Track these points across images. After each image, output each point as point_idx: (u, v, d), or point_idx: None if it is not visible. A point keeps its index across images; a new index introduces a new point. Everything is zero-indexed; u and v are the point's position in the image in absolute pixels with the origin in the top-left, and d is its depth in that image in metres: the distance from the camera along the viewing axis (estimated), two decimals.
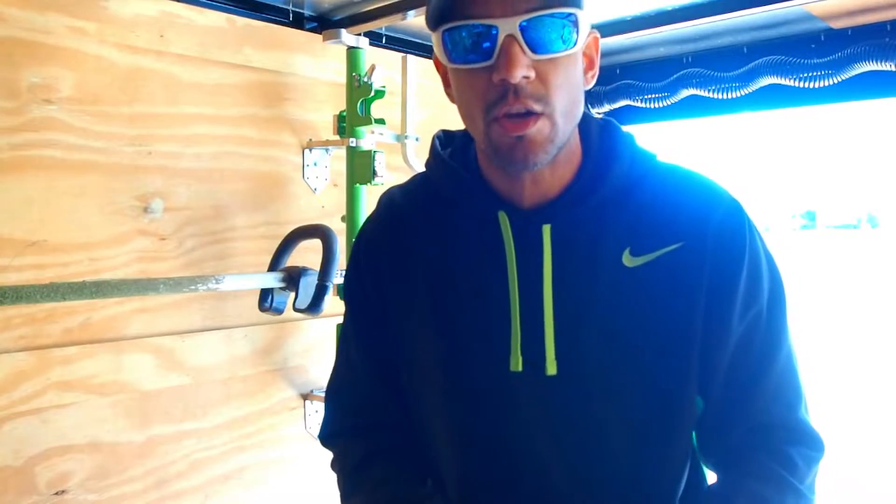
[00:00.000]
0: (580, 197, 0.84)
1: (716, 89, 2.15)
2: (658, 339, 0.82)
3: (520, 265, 0.83)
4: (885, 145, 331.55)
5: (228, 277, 1.61)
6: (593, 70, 0.85)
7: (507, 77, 0.73)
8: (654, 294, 0.82)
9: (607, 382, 0.82)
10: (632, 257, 0.82)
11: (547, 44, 0.74)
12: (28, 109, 1.51)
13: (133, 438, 1.68)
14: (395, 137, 2.02)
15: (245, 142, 1.89)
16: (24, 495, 1.51)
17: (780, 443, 0.83)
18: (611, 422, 0.83)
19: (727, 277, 0.83)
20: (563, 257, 0.82)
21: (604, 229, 0.83)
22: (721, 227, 0.83)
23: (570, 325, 0.82)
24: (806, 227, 70.84)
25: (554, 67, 0.76)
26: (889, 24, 1.89)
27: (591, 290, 0.82)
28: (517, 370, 0.82)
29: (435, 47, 0.81)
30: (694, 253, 0.82)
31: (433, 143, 0.94)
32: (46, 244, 1.54)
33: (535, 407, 0.83)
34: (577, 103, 0.80)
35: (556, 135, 0.78)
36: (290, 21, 2.00)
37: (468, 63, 0.77)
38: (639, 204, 0.84)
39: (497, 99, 0.75)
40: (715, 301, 0.82)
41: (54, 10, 1.54)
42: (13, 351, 1.50)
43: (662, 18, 1.94)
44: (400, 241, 0.92)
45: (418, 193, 0.94)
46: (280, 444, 1.99)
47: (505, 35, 0.73)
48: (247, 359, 1.91)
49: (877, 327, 10.87)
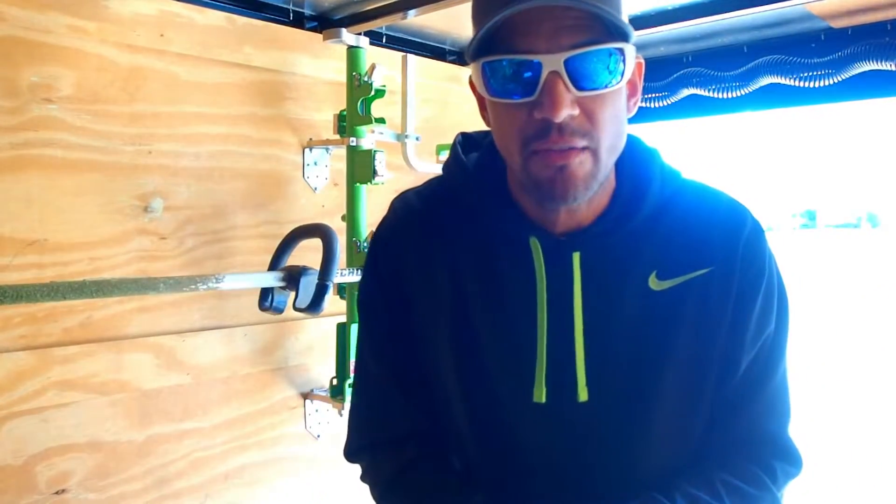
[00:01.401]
0: (614, 225, 0.82)
1: (716, 89, 2.15)
2: (682, 363, 0.82)
3: (549, 293, 0.81)
4: (886, 145, 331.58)
5: (228, 277, 1.61)
6: (636, 97, 0.82)
7: (551, 116, 0.70)
8: (681, 317, 0.81)
9: (634, 407, 0.82)
10: (658, 281, 0.82)
11: (593, 79, 0.71)
12: (28, 109, 1.51)
13: (133, 438, 1.68)
14: (396, 137, 2.02)
15: (245, 141, 1.89)
16: (25, 494, 1.52)
17: (766, 455, 0.85)
18: (634, 445, 0.83)
19: (748, 301, 0.83)
20: (590, 284, 0.81)
21: (632, 254, 0.82)
22: (746, 250, 0.83)
23: (599, 351, 0.81)
24: (806, 226, 70.88)
25: (600, 103, 0.73)
26: (889, 23, 1.89)
27: (619, 316, 0.81)
28: (540, 402, 0.81)
29: (472, 75, 0.78)
30: (722, 277, 0.82)
31: (454, 148, 0.90)
32: (46, 243, 1.54)
33: (563, 435, 0.83)
34: (620, 136, 0.78)
35: (598, 170, 0.75)
36: (290, 20, 2.00)
37: (509, 98, 0.73)
38: (667, 227, 0.83)
39: (537, 134, 0.73)
40: (737, 322, 0.83)
41: (54, 9, 1.54)
42: (13, 350, 1.50)
43: (663, 18, 1.94)
44: (422, 247, 0.88)
45: (437, 199, 0.90)
46: (280, 443, 1.99)
47: (549, 71, 0.70)
48: (247, 358, 1.91)
49: (877, 327, 10.87)
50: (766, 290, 0.84)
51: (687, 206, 0.85)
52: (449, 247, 0.86)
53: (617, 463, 0.83)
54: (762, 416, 0.85)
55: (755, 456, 0.84)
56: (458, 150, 0.89)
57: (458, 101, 2.36)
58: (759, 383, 0.85)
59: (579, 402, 0.81)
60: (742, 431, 0.85)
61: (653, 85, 2.29)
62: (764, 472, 0.83)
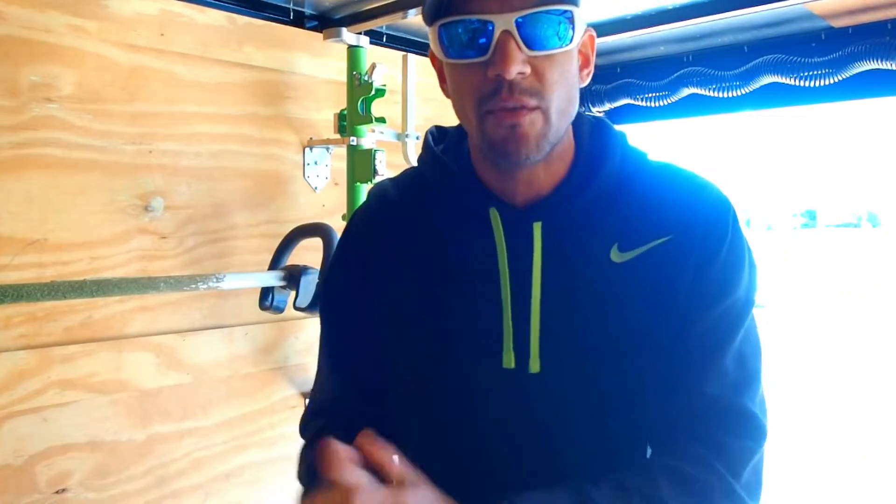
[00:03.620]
0: (571, 194, 0.84)
1: (716, 88, 2.15)
2: (640, 334, 0.81)
3: (511, 262, 0.82)
4: (886, 144, 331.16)
5: (229, 276, 1.61)
6: (588, 68, 0.85)
7: (503, 73, 0.74)
8: (639, 288, 0.81)
9: (585, 381, 0.82)
10: (620, 253, 0.82)
11: (542, 40, 0.75)
12: (28, 108, 1.51)
13: (133, 437, 1.68)
14: (396, 136, 2.02)
15: (246, 140, 1.89)
16: (25, 494, 1.52)
17: (716, 430, 0.78)
18: (585, 418, 0.82)
19: (706, 266, 0.82)
20: (552, 255, 0.82)
21: (593, 227, 0.83)
22: (707, 218, 0.83)
23: (555, 322, 0.81)
24: (806, 225, 70.90)
25: (549, 64, 0.76)
26: (890, 22, 1.89)
27: (577, 288, 0.82)
28: (510, 367, 0.82)
29: (431, 42, 0.82)
30: (682, 245, 0.82)
31: (426, 138, 0.94)
32: (47, 243, 1.54)
33: (518, 403, 0.83)
34: (571, 100, 0.81)
35: (549, 130, 0.78)
36: (290, 20, 2.00)
37: (464, 58, 0.77)
38: (628, 201, 0.84)
39: (491, 93, 0.76)
40: (694, 287, 0.81)
41: (55, 8, 1.54)
42: (14, 349, 1.50)
43: (663, 17, 1.94)
44: (391, 234, 0.91)
45: (410, 187, 0.94)
46: (280, 442, 1.99)
47: (501, 31, 0.74)
48: (247, 357, 1.91)
49: (878, 327, 10.86)
50: (726, 257, 0.82)
51: (650, 182, 0.86)
52: (417, 227, 0.90)
53: (568, 436, 0.82)
54: (715, 385, 0.79)
55: (703, 433, 0.78)
56: (430, 139, 0.93)
57: None
58: (714, 351, 0.80)
59: (531, 373, 0.81)
60: (692, 403, 0.80)
61: (653, 84, 2.29)
62: (711, 451, 0.76)
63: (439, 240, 0.88)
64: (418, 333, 0.87)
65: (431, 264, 0.87)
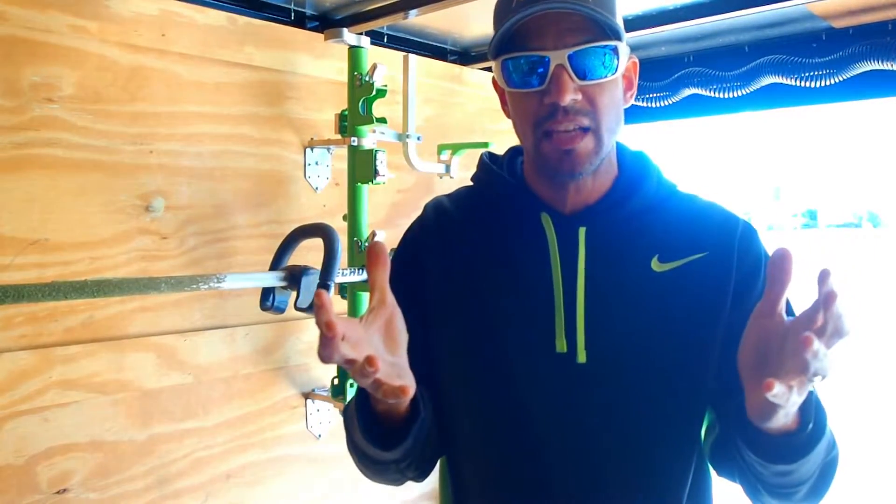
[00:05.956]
0: (613, 205, 0.95)
1: (717, 88, 2.15)
2: (680, 339, 0.90)
3: (561, 261, 0.92)
4: (886, 144, 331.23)
5: (230, 276, 1.61)
6: (632, 90, 0.97)
7: (558, 100, 0.86)
8: (679, 297, 0.91)
9: (630, 374, 0.90)
10: (660, 263, 0.93)
11: (591, 71, 0.87)
12: (29, 108, 1.51)
13: (134, 437, 1.69)
14: (397, 136, 2.01)
15: (246, 141, 1.89)
16: (26, 494, 1.52)
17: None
18: (630, 410, 0.90)
19: (749, 286, 0.92)
20: (595, 258, 0.92)
21: (634, 237, 0.94)
22: (741, 242, 0.94)
23: (600, 318, 0.90)
24: (807, 225, 70.80)
25: (598, 90, 0.88)
26: (890, 23, 1.89)
27: (621, 290, 0.92)
28: (562, 351, 0.90)
29: (494, 72, 0.94)
30: (719, 261, 0.93)
31: (481, 158, 1.05)
32: (48, 243, 1.55)
33: (565, 389, 0.90)
34: (618, 120, 0.92)
35: (600, 147, 0.90)
36: (291, 20, 2.00)
37: (524, 87, 0.89)
38: (665, 219, 0.96)
39: (547, 116, 0.87)
40: (738, 307, 0.90)
41: (55, 8, 1.54)
42: (15, 350, 1.50)
43: (664, 18, 1.94)
44: (447, 235, 1.00)
45: (465, 198, 1.05)
46: (281, 443, 1.99)
47: (556, 65, 0.86)
48: (248, 358, 1.91)
49: (878, 326, 10.86)
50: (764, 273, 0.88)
51: (683, 206, 0.99)
52: (471, 230, 1.00)
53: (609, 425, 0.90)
54: None
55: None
56: (485, 158, 1.05)
57: (460, 101, 2.36)
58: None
59: (578, 363, 0.90)
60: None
61: (654, 85, 2.29)
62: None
63: (493, 240, 0.98)
64: (472, 322, 0.95)
65: (485, 260, 0.96)
